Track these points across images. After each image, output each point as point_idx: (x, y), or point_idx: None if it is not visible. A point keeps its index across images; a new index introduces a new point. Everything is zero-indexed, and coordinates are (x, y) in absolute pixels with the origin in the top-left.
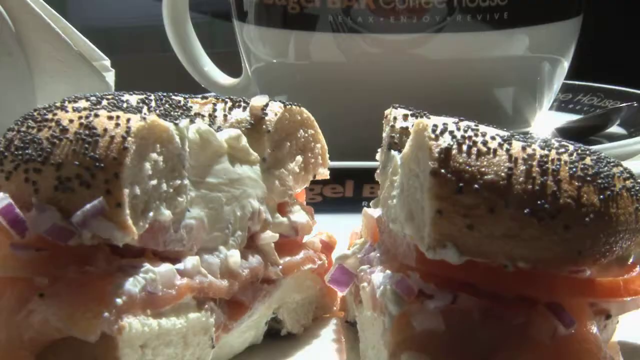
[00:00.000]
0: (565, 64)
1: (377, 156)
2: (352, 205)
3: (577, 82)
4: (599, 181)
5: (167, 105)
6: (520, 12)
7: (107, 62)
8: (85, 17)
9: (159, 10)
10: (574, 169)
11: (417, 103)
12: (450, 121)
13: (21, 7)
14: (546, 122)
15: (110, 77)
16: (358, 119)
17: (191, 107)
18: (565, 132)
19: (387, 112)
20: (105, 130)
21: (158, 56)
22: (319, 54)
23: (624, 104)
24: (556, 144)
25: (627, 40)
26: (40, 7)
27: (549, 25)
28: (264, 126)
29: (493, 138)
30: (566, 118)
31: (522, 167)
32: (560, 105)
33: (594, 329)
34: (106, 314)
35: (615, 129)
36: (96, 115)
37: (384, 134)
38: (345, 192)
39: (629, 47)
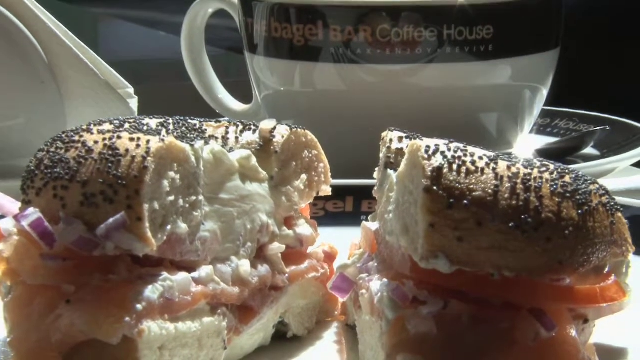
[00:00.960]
0: (545, 92)
1: (375, 174)
2: (352, 219)
3: (555, 108)
4: (578, 197)
5: (183, 129)
6: (503, 44)
7: (131, 90)
8: (114, 51)
9: (179, 45)
10: (555, 186)
11: (411, 126)
12: (441, 143)
13: (53, 39)
14: (527, 144)
15: (133, 103)
16: (357, 140)
17: (206, 130)
18: (545, 153)
19: (383, 134)
20: (127, 150)
21: (177, 85)
22: (322, 83)
23: (597, 128)
24: (538, 164)
25: (599, 71)
26: (70, 40)
27: (529, 57)
28: (272, 147)
29: (481, 158)
30: (545, 140)
31: (507, 185)
32: (540, 129)
33: (573, 332)
34: (127, 318)
35: (589, 150)
36: (119, 137)
37: (381, 155)
38: (345, 207)
39: (601, 77)
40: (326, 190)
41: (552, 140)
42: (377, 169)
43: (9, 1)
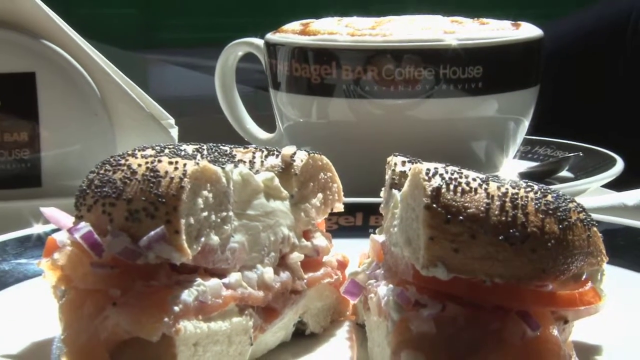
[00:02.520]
0: (526, 123)
1: (381, 194)
2: (361, 232)
3: (535, 137)
4: (559, 214)
5: (216, 154)
6: (491, 82)
7: (172, 121)
8: (160, 88)
9: (213, 83)
10: (539, 204)
11: (412, 152)
12: (439, 166)
13: (105, 77)
14: (511, 167)
15: (174, 132)
16: (366, 164)
17: (235, 155)
18: (527, 176)
19: (388, 159)
20: (167, 172)
21: (211, 117)
22: (335, 115)
23: (572, 154)
24: (523, 185)
25: (573, 106)
26: (120, 77)
27: (514, 93)
28: (292, 170)
29: (474, 179)
30: (527, 165)
31: (497, 203)
32: (522, 155)
33: (555, 332)
34: (166, 319)
35: (565, 173)
36: (159, 161)
37: (387, 177)
38: (356, 221)
39: (574, 111)
40: (339, 207)
41: (532, 164)
42: (383, 188)
43: (68, 45)
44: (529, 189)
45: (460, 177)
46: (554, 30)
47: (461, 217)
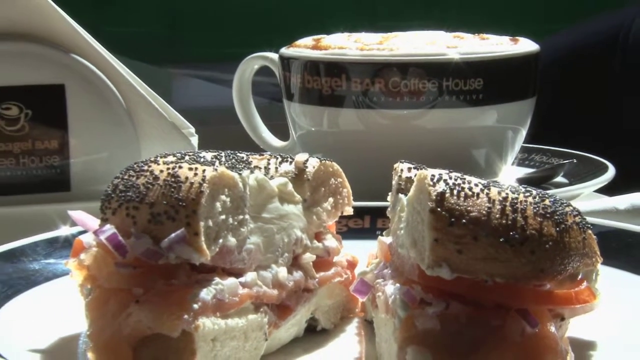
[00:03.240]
0: (524, 132)
1: (388, 198)
2: (369, 234)
3: (531, 145)
4: (556, 217)
5: (233, 160)
6: (491, 94)
7: (192, 130)
8: (183, 100)
9: (231, 95)
10: (537, 208)
11: (417, 159)
12: (443, 172)
13: (130, 89)
14: (510, 174)
15: (194, 140)
16: (374, 171)
17: (251, 161)
18: (524, 181)
19: (395, 165)
20: (187, 178)
21: (229, 126)
22: (345, 124)
23: (566, 161)
24: (522, 190)
25: (567, 116)
26: (144, 90)
27: (512, 104)
28: (305, 176)
29: (476, 185)
30: (524, 171)
31: (498, 207)
32: (520, 162)
33: (553, 329)
34: (186, 316)
35: (560, 179)
36: (180, 167)
37: (393, 182)
38: (364, 224)
39: (569, 120)
40: (348, 211)
41: (529, 170)
42: (390, 193)
43: (96, 59)
44: (527, 193)
45: (463, 183)
46: (549, 46)
47: (464, 220)
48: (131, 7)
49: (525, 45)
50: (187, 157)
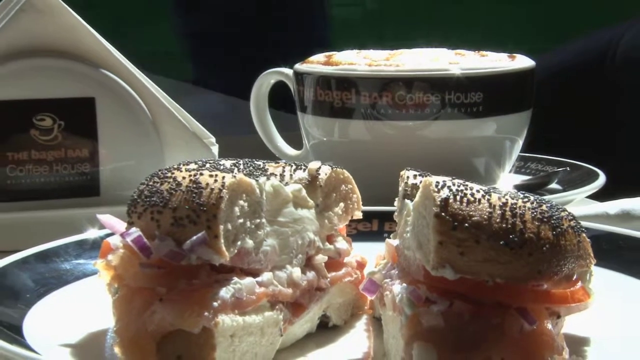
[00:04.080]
0: (520, 142)
1: (395, 203)
2: (377, 237)
3: (527, 154)
4: (552, 222)
5: (251, 167)
6: (490, 106)
7: (213, 139)
8: (204, 111)
9: (249, 107)
10: (535, 213)
11: (422, 167)
12: (447, 179)
13: (156, 102)
14: (507, 181)
15: (214, 149)
16: (381, 178)
17: (267, 169)
18: (521, 188)
19: (401, 173)
20: (207, 184)
21: (247, 136)
22: (355, 135)
23: (560, 169)
24: (521, 196)
25: (560, 127)
26: (168, 102)
27: (510, 116)
28: (317, 182)
29: (478, 191)
30: (521, 178)
31: (499, 212)
32: (517, 170)
33: (549, 326)
34: (206, 313)
35: (554, 186)
36: (201, 174)
37: (400, 188)
38: (372, 227)
39: (563, 131)
40: (358, 215)
41: (525, 178)
42: (396, 199)
43: (124, 74)
44: (525, 199)
45: (466, 189)
46: (544, 62)
47: (466, 224)
48: (157, 28)
49: (522, 62)
50: (207, 165)
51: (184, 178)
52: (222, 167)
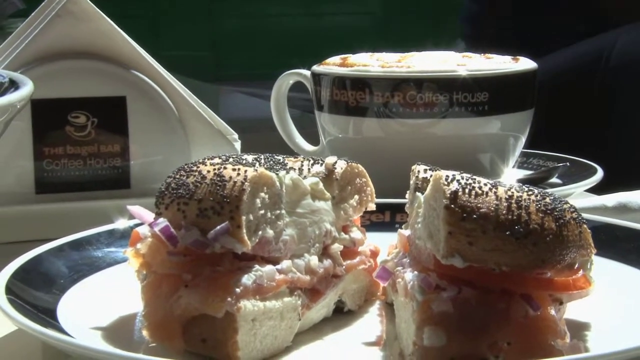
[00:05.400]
0: (523, 139)
1: (406, 196)
2: (389, 227)
3: (530, 150)
4: (555, 213)
5: (271, 162)
6: (495, 105)
7: (236, 136)
8: (228, 110)
9: (270, 107)
10: (539, 205)
11: (431, 162)
12: (456, 173)
13: (183, 101)
14: (511, 175)
15: (237, 145)
16: (393, 172)
17: (287, 163)
18: (524, 182)
19: (413, 167)
20: (231, 177)
21: (267, 133)
22: (368, 132)
23: (560, 164)
24: (526, 189)
25: (561, 125)
26: (194, 101)
27: (514, 114)
28: (334, 176)
29: (485, 184)
30: (523, 173)
31: (505, 204)
32: (520, 165)
33: (552, 312)
34: (229, 298)
35: (554, 180)
36: (225, 168)
37: (411, 182)
38: (384, 218)
39: (563, 129)
40: (372, 207)
41: (528, 172)
42: (408, 192)
43: (153, 74)
44: (530, 192)
45: (474, 182)
46: (545, 64)
47: (475, 216)
48: (184, 33)
49: (525, 64)
50: (231, 159)
51: (208, 172)
52: (244, 161)
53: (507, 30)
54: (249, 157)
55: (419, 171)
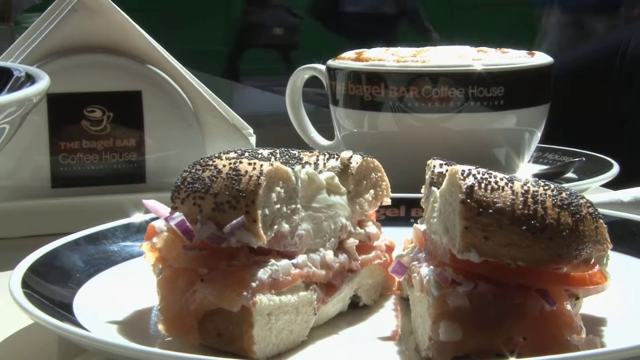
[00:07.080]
0: (539, 134)
1: (422, 190)
2: (404, 222)
3: (545, 145)
4: (572, 208)
5: (287, 156)
6: (511, 100)
7: (251, 130)
8: (243, 106)
9: (285, 101)
10: (555, 200)
11: (446, 156)
12: (472, 168)
13: (198, 95)
14: (526, 170)
15: (252, 140)
16: (408, 166)
17: (302, 157)
18: (539, 177)
19: (428, 162)
20: (246, 171)
21: (283, 128)
22: (383, 126)
23: (576, 159)
24: (542, 184)
25: (577, 119)
26: (210, 96)
27: (529, 109)
28: (349, 170)
29: (501, 179)
30: (539, 168)
31: (521, 199)
32: (535, 160)
33: (569, 307)
34: (245, 293)
35: (570, 174)
36: (240, 162)
37: (427, 176)
38: (400, 213)
39: (579, 123)
40: (387, 201)
41: (543, 167)
42: (423, 186)
43: (169, 69)
44: (546, 187)
45: (490, 177)
46: (561, 59)
47: (491, 210)
48: (201, 30)
49: (541, 58)
50: (246, 154)
51: (224, 166)
52: (260, 155)
53: None
54: (265, 152)
55: (434, 166)
